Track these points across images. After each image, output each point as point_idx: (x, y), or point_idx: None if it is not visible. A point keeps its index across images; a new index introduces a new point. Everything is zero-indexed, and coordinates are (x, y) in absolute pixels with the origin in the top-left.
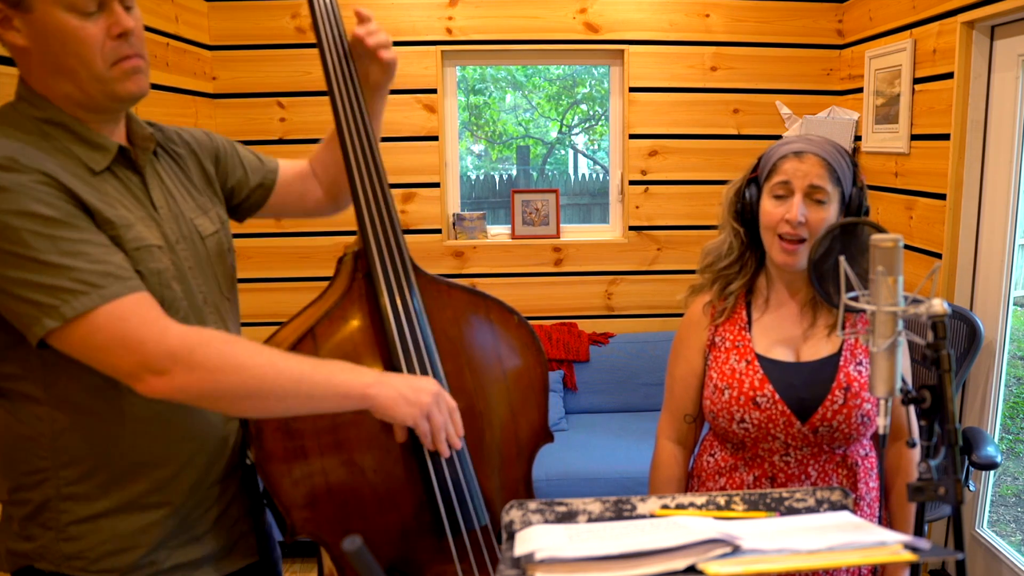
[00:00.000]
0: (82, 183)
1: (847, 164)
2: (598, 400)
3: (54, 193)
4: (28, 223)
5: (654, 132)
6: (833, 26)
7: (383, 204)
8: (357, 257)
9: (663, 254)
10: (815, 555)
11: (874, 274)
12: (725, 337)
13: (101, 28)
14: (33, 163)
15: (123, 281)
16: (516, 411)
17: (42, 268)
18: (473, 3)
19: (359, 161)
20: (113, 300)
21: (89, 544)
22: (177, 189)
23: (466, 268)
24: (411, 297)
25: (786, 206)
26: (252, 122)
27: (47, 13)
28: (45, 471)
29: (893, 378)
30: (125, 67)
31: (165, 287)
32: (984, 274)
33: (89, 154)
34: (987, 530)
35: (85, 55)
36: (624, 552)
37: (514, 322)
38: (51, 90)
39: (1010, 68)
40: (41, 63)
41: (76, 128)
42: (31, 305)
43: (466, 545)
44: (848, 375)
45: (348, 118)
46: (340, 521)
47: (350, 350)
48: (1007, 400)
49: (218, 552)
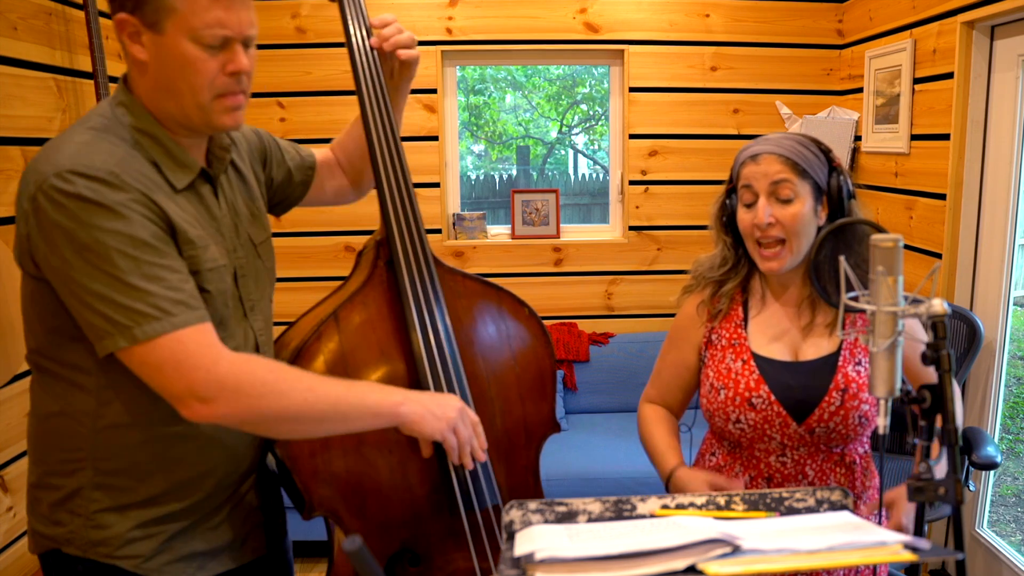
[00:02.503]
0: (167, 200)
1: (814, 152)
2: (598, 400)
3: (147, 214)
4: (118, 242)
5: (654, 132)
6: (833, 26)
7: (406, 195)
8: (379, 246)
9: (663, 254)
10: (815, 555)
11: (874, 274)
12: (721, 335)
13: (218, 63)
14: (134, 180)
15: (192, 310)
16: (525, 399)
17: (124, 288)
18: (473, 3)
19: (384, 154)
20: (180, 328)
21: (115, 532)
22: (238, 197)
23: (466, 268)
24: (431, 284)
25: (754, 211)
26: (252, 122)
27: (176, 39)
28: (82, 460)
29: (893, 378)
30: (227, 103)
31: (224, 305)
32: (984, 274)
33: (174, 171)
34: (987, 530)
35: (196, 83)
36: (624, 552)
37: (525, 313)
38: (154, 103)
39: (1010, 68)
40: (155, 79)
41: (166, 142)
42: (106, 321)
43: (478, 523)
44: (846, 375)
45: (375, 113)
46: (357, 499)
47: (370, 333)
48: (1007, 400)
49: (232, 542)
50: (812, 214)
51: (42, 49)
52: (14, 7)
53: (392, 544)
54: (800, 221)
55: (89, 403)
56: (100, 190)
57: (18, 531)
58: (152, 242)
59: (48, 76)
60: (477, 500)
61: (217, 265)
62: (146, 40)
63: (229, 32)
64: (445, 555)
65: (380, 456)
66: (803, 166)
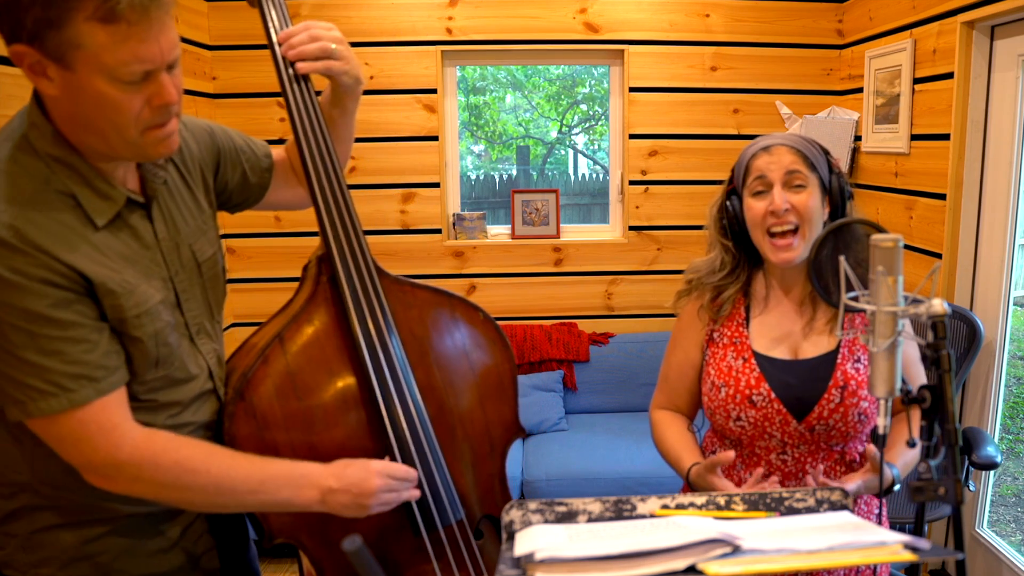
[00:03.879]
0: (84, 246)
1: (818, 151)
2: (598, 400)
3: (49, 279)
4: (12, 316)
5: (654, 132)
6: (833, 26)
7: (343, 207)
8: (321, 261)
9: (663, 254)
10: (815, 555)
11: (874, 274)
12: (723, 333)
13: (142, 98)
14: (36, 237)
15: (94, 383)
16: (486, 407)
17: (17, 363)
18: (473, 3)
19: (316, 163)
20: (80, 406)
21: (52, 552)
22: (179, 212)
23: (466, 268)
24: (375, 297)
25: (768, 199)
26: (252, 122)
27: (89, 78)
28: (22, 484)
29: (893, 378)
30: (159, 134)
31: (162, 344)
32: (984, 274)
33: (94, 205)
34: (987, 530)
35: (119, 122)
36: (624, 552)
37: (479, 319)
38: (73, 135)
39: (1010, 68)
40: (70, 116)
41: (85, 172)
42: (1, 394)
43: (443, 541)
44: (845, 373)
45: (302, 122)
46: (317, 523)
47: (317, 353)
48: (1007, 400)
49: (183, 566)
50: (820, 206)
51: None
52: None
53: None
54: (812, 208)
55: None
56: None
57: None
58: (49, 314)
59: None
60: (440, 519)
61: (147, 308)
62: (53, 74)
63: (149, 66)
64: (415, 570)
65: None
66: (812, 161)
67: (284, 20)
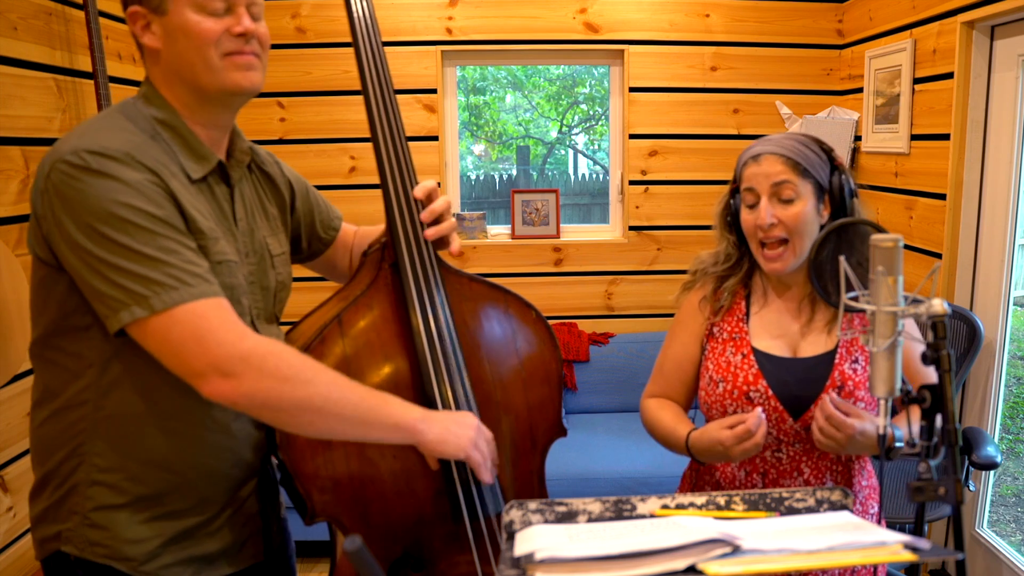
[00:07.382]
0: (183, 189)
1: (815, 152)
2: (598, 400)
3: (162, 194)
4: (134, 215)
5: (654, 132)
6: (833, 26)
7: (410, 197)
8: (384, 248)
9: (663, 254)
10: (815, 555)
11: (874, 274)
12: (723, 328)
13: (223, 25)
14: (147, 162)
15: (210, 284)
16: (532, 403)
17: (140, 258)
18: (473, 3)
19: (390, 156)
20: (200, 299)
21: (112, 532)
22: (256, 207)
23: (466, 268)
24: (436, 287)
25: (756, 213)
26: (252, 122)
27: (179, 14)
28: (81, 456)
29: (893, 378)
30: (237, 60)
31: (235, 302)
32: (984, 274)
33: (191, 162)
34: (987, 530)
35: (201, 45)
36: (624, 552)
37: (532, 317)
38: (172, 92)
39: (1010, 68)
40: (168, 63)
41: (185, 134)
42: (121, 291)
43: (482, 531)
44: (843, 373)
45: (380, 115)
46: (359, 504)
47: (374, 337)
48: (1007, 400)
49: (230, 547)
50: (814, 213)
51: (42, 49)
52: (14, 7)
53: (395, 550)
54: (802, 221)
55: (90, 394)
56: (116, 167)
57: (18, 531)
58: (165, 218)
59: (48, 76)
60: (482, 509)
61: (225, 259)
62: (155, 27)
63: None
64: (448, 559)
65: (383, 461)
66: (804, 166)
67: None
